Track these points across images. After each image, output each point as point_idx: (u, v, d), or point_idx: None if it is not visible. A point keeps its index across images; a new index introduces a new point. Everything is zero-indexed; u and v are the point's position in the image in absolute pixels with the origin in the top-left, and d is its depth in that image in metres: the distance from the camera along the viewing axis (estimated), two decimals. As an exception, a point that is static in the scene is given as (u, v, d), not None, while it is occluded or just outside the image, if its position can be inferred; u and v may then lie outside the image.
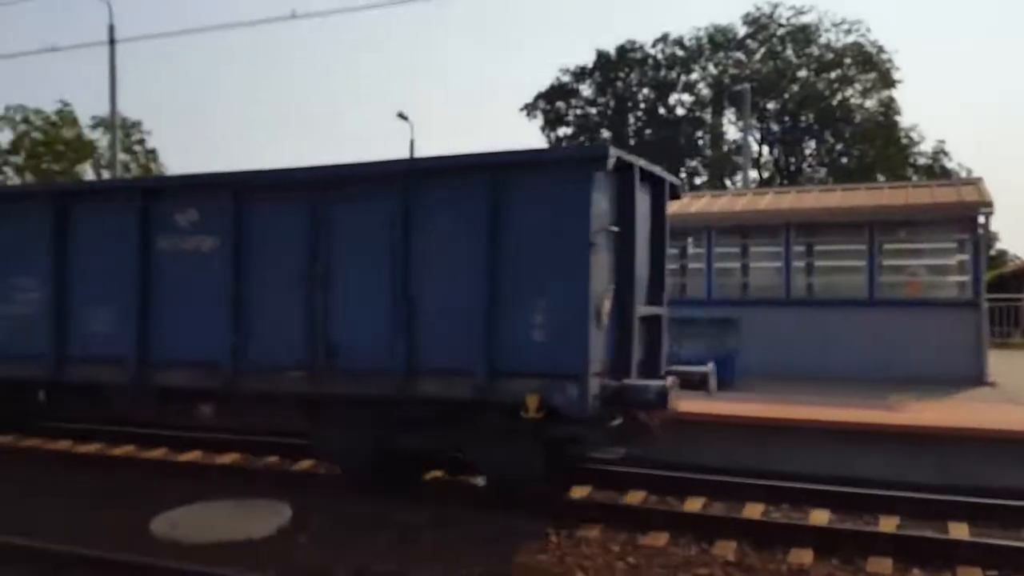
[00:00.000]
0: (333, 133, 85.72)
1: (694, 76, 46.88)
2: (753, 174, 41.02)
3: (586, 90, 48.80)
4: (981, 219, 13.40)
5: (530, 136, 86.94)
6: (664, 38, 47.07)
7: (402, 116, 33.43)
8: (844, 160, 43.29)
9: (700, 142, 46.71)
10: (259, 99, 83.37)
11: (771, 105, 43.71)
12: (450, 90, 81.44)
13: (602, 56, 47.40)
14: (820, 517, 7.29)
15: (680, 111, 47.33)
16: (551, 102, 48.80)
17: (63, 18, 43.71)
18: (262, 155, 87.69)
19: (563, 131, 49.59)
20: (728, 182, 43.20)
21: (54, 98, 51.71)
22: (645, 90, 47.69)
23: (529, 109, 49.25)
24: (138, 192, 8.72)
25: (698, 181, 45.67)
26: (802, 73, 43.78)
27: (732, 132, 45.16)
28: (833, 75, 43.33)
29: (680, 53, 47.00)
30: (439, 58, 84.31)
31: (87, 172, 38.26)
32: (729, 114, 45.18)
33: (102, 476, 8.84)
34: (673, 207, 8.91)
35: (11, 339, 9.16)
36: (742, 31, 45.65)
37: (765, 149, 46.01)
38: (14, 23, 49.74)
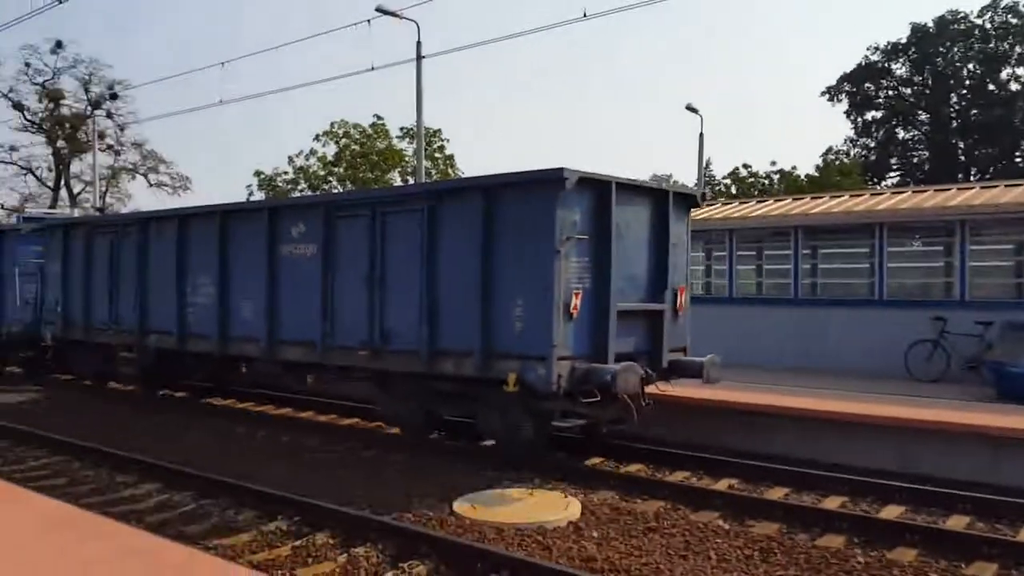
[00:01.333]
0: (626, 128, 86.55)
1: (1032, 45, 41.14)
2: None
3: (899, 69, 44.78)
4: None
5: (834, 122, 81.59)
6: (993, 5, 41.78)
7: (691, 109, 32.77)
8: None
9: (1040, 120, 40.89)
10: (554, 99, 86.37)
11: None
12: (745, 79, 78.70)
13: (917, 30, 43.13)
14: None
15: (1014, 86, 41.77)
16: (857, 84, 45.33)
17: (380, 41, 48.57)
18: (555, 153, 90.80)
19: (871, 115, 45.93)
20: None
21: (370, 112, 57.31)
22: (970, 65, 42.72)
23: (832, 93, 46.19)
24: (266, 210, 11.32)
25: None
26: None
27: (1083, 107, 39.03)
28: None
29: (1014, 21, 41.42)
30: (732, 46, 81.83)
31: (396, 179, 41.94)
32: (1078, 86, 39.11)
33: (410, 457, 9.59)
34: (1005, 197, 8.02)
35: (199, 321, 12.24)
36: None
37: None
38: (341, 50, 55.75)
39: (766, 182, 41.20)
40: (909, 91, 44.95)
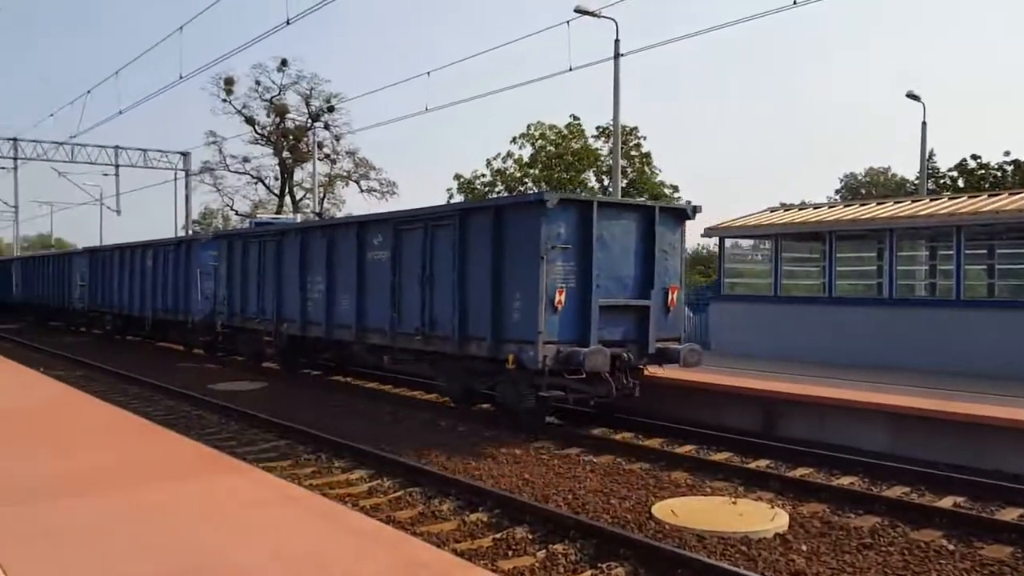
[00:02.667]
0: (838, 119, 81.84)
1: None
2: None
3: None
4: None
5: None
6: None
7: (912, 97, 30.48)
8: None
9: None
10: (761, 92, 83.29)
11: None
12: (972, 64, 72.18)
13: None
14: None
15: None
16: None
17: (578, 42, 48.84)
18: (764, 147, 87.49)
19: None
20: None
21: (567, 113, 57.71)
22: None
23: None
24: (356, 224, 14.21)
25: None
26: None
27: None
28: None
29: None
30: (959, 28, 75.23)
31: (591, 179, 41.84)
32: None
33: (610, 459, 9.52)
34: None
35: (314, 312, 15.15)
36: None
37: None
38: (539, 55, 56.72)
39: (999, 174, 37.48)
40: None
